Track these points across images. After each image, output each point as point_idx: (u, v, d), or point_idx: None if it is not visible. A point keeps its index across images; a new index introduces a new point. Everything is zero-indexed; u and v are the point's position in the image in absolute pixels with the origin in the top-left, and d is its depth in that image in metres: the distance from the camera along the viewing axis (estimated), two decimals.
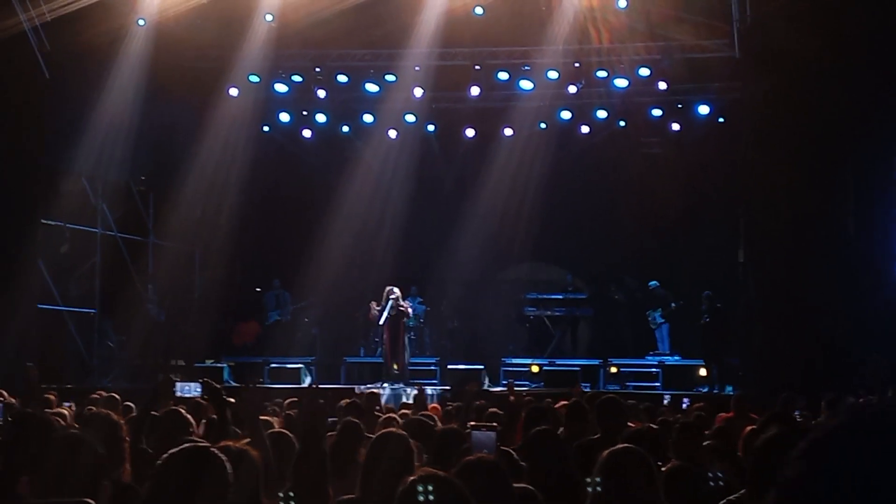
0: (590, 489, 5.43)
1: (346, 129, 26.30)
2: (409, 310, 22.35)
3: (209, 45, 22.52)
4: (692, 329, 22.93)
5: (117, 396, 12.74)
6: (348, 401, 12.19)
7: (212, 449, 4.36)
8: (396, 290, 21.91)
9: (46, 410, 9.84)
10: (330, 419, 9.24)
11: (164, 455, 4.29)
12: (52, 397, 12.99)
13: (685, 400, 16.24)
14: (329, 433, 9.80)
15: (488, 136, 25.27)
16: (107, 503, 4.93)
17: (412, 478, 4.12)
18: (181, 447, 4.36)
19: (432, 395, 19.18)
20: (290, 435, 6.79)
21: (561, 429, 9.35)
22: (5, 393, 13.06)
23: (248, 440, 6.52)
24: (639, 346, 24.25)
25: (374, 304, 22.01)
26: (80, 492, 4.80)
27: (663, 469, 6.19)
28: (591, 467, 5.54)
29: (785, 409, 12.81)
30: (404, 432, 6.77)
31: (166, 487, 4.18)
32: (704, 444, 8.13)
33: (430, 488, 4.05)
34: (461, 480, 4.39)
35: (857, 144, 20.35)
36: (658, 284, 24.06)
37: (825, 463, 1.60)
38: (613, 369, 22.68)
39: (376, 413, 11.74)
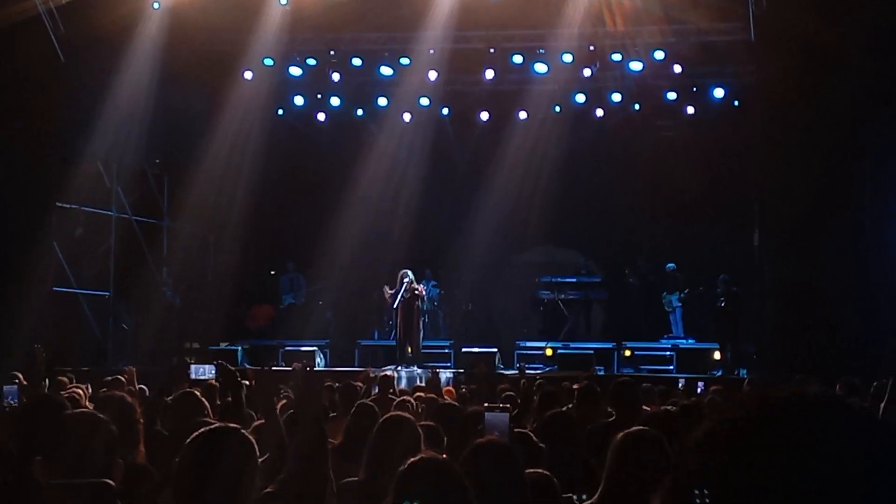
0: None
1: (360, 112, 26.27)
2: (423, 293, 22.36)
3: (224, 28, 22.50)
4: (706, 313, 22.90)
5: (122, 378, 12.77)
6: (339, 384, 12.20)
7: (237, 428, 4.37)
8: (410, 273, 21.93)
9: (61, 392, 9.90)
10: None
11: (192, 435, 4.29)
12: (65, 379, 13.04)
13: (700, 384, 16.23)
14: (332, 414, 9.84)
15: (503, 120, 25.23)
16: (120, 482, 4.95)
17: (409, 461, 4.14)
18: (206, 427, 4.37)
19: (448, 378, 19.23)
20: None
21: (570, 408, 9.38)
22: (21, 375, 13.11)
23: (262, 422, 6.56)
24: (653, 330, 24.23)
25: (387, 288, 22.04)
26: (94, 471, 4.83)
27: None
28: (605, 450, 5.53)
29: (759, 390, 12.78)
30: (410, 416, 6.79)
31: (191, 466, 4.19)
32: None
33: (427, 472, 4.07)
34: (471, 462, 4.40)
35: (873, 129, 20.27)
36: (675, 267, 24.02)
37: (726, 453, 1.58)
38: (627, 352, 22.67)
39: (390, 396, 11.75)
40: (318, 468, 5.04)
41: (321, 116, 26.29)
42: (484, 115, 25.60)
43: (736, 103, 23.99)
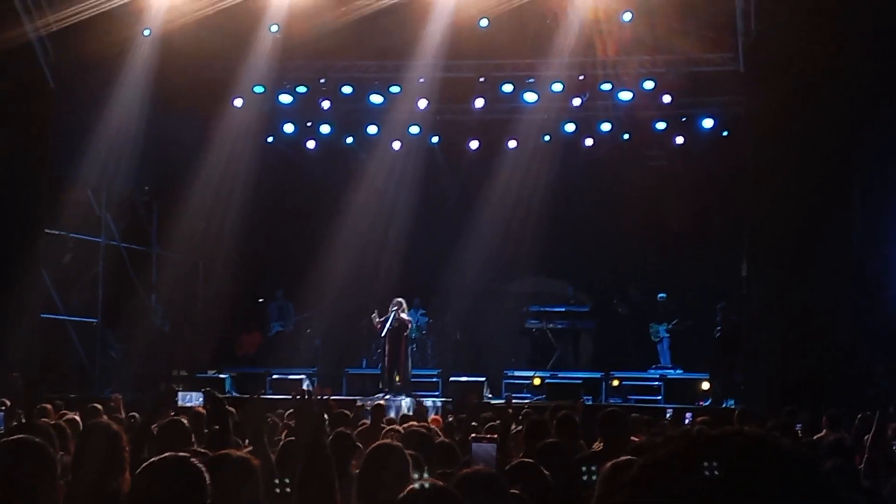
0: None
1: (350, 140, 26.32)
2: (408, 322, 22.29)
3: (214, 55, 22.53)
4: (695, 343, 22.91)
5: (99, 407, 12.71)
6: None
7: (190, 459, 4.36)
8: (403, 302, 21.95)
9: (44, 420, 9.85)
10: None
11: (143, 465, 4.31)
12: (49, 406, 12.98)
13: (688, 415, 16.21)
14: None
15: (492, 149, 25.28)
16: None
17: (410, 487, 4.14)
18: (158, 457, 4.38)
19: (435, 407, 19.19)
20: (294, 444, 6.76)
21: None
22: (7, 402, 13.08)
23: (249, 450, 6.54)
24: (641, 360, 24.22)
25: (376, 315, 22.02)
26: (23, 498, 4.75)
27: None
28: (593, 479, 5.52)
29: (787, 422, 12.82)
30: (398, 444, 6.77)
31: (144, 495, 4.20)
32: None
33: (428, 499, 4.06)
34: (460, 492, 4.39)
35: (862, 157, 20.35)
36: (666, 297, 24.05)
37: (650, 490, 1.57)
38: (615, 382, 22.62)
39: (382, 425, 11.74)
40: (328, 498, 5.05)
41: (311, 144, 26.31)
42: (474, 144, 25.67)
43: (725, 133, 24.10)
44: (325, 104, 24.52)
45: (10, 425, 8.85)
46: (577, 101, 23.64)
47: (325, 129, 25.71)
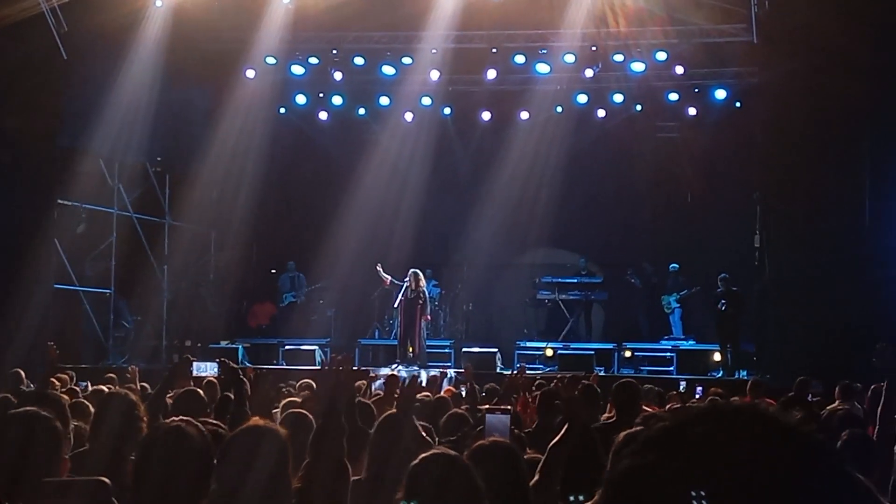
0: None
1: (362, 111, 26.28)
2: (424, 293, 22.33)
3: (226, 26, 22.53)
4: (707, 313, 22.91)
5: (114, 375, 12.81)
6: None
7: (188, 428, 4.38)
8: (420, 274, 22.08)
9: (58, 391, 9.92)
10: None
11: (146, 434, 4.35)
12: (66, 376, 13.07)
13: (699, 388, 16.20)
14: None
15: (504, 120, 25.24)
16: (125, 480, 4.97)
17: (422, 456, 4.17)
18: (160, 425, 4.42)
19: (449, 378, 19.22)
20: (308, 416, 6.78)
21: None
22: (23, 373, 13.15)
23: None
24: (654, 331, 24.27)
25: (380, 269, 22.34)
26: (36, 470, 4.78)
27: None
28: (607, 449, 5.54)
29: (800, 393, 12.83)
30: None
31: (148, 465, 4.24)
32: None
33: (439, 467, 4.09)
34: (474, 463, 4.42)
35: (874, 130, 20.29)
36: (678, 268, 24.04)
37: (654, 460, 1.60)
38: (627, 353, 22.67)
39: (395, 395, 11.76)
40: (339, 464, 5.08)
41: (323, 115, 26.30)
42: (486, 115, 25.61)
43: (738, 104, 24.02)
44: (338, 75, 24.48)
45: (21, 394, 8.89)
46: (589, 73, 23.54)
47: (337, 100, 25.67)
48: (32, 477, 4.71)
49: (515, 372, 11.53)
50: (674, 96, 24.33)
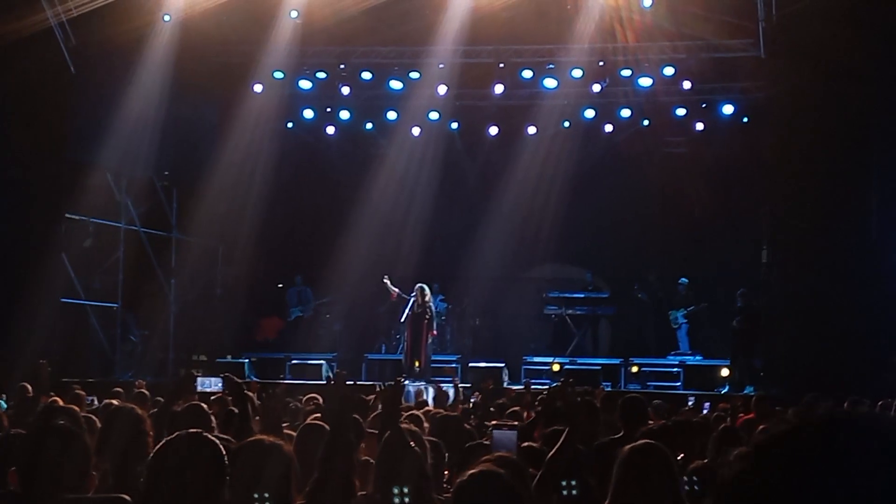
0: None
1: (369, 126, 26.27)
2: (431, 307, 22.33)
3: (234, 41, 22.59)
4: (714, 329, 22.87)
5: (121, 389, 12.78)
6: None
7: (207, 435, 4.38)
8: (426, 289, 22.07)
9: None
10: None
11: (162, 441, 4.34)
12: (81, 393, 13.03)
13: (706, 404, 16.15)
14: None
15: (512, 135, 25.25)
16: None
17: (470, 472, 4.19)
18: (177, 433, 4.40)
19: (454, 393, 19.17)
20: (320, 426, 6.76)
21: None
22: (29, 387, 13.13)
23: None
24: (661, 346, 24.21)
25: (387, 281, 22.35)
26: (70, 485, 4.79)
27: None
28: (611, 465, 5.54)
29: (808, 409, 12.78)
30: (416, 429, 6.79)
31: (163, 472, 4.22)
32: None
33: (488, 483, 4.11)
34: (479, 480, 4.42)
35: (882, 145, 20.28)
36: (687, 283, 24.01)
37: (767, 468, 1.59)
38: (634, 368, 22.64)
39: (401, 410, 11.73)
40: (347, 479, 5.08)
41: (330, 130, 26.32)
42: (493, 130, 25.60)
43: (745, 119, 24.00)
44: (345, 90, 24.50)
45: (34, 409, 8.88)
46: (596, 87, 23.58)
47: (344, 114, 25.69)
48: (61, 491, 4.71)
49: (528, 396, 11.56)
50: (681, 111, 24.30)
